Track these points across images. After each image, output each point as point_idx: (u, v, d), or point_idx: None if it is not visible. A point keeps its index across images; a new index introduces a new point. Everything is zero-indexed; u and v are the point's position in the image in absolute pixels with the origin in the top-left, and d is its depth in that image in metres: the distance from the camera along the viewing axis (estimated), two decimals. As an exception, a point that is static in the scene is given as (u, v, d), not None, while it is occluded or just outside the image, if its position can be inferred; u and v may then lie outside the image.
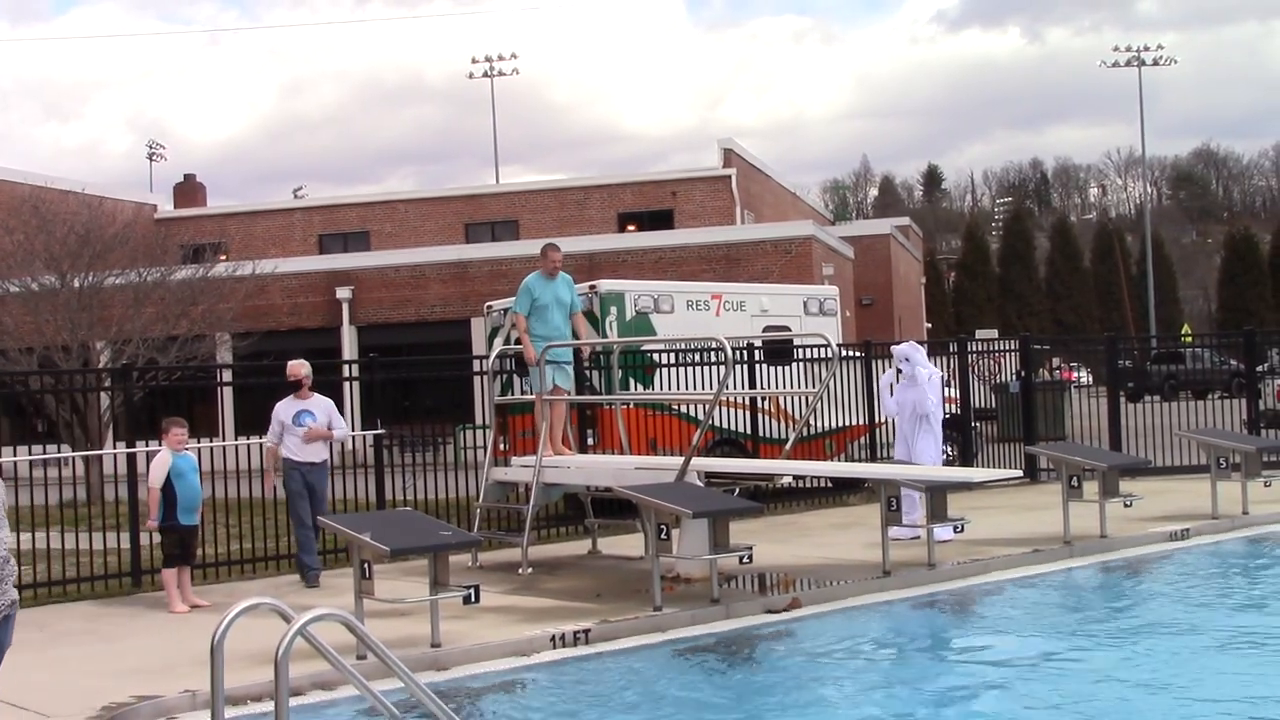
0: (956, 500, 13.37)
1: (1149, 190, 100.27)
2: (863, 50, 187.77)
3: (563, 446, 13.00)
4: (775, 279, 27.73)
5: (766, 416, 17.59)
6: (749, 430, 17.37)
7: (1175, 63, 72.48)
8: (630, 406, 15.28)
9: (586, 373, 15.34)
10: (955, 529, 11.51)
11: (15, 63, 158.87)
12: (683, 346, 16.47)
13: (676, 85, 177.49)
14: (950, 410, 17.61)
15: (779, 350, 17.81)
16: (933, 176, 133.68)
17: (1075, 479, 12.73)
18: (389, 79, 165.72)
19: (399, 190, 53.84)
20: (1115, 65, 70.48)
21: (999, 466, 18.45)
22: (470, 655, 8.77)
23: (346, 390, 14.99)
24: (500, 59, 70.29)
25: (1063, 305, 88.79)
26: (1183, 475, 17.70)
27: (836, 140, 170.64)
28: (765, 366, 17.59)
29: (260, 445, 12.39)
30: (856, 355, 18.56)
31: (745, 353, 17.02)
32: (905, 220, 66.97)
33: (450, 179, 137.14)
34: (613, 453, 14.75)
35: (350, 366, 16.46)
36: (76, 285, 22.80)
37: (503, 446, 14.40)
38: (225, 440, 18.08)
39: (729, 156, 38.71)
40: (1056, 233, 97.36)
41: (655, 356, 16.47)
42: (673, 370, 16.43)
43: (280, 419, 11.83)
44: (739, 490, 12.17)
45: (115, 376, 15.86)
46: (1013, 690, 7.86)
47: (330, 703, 7.69)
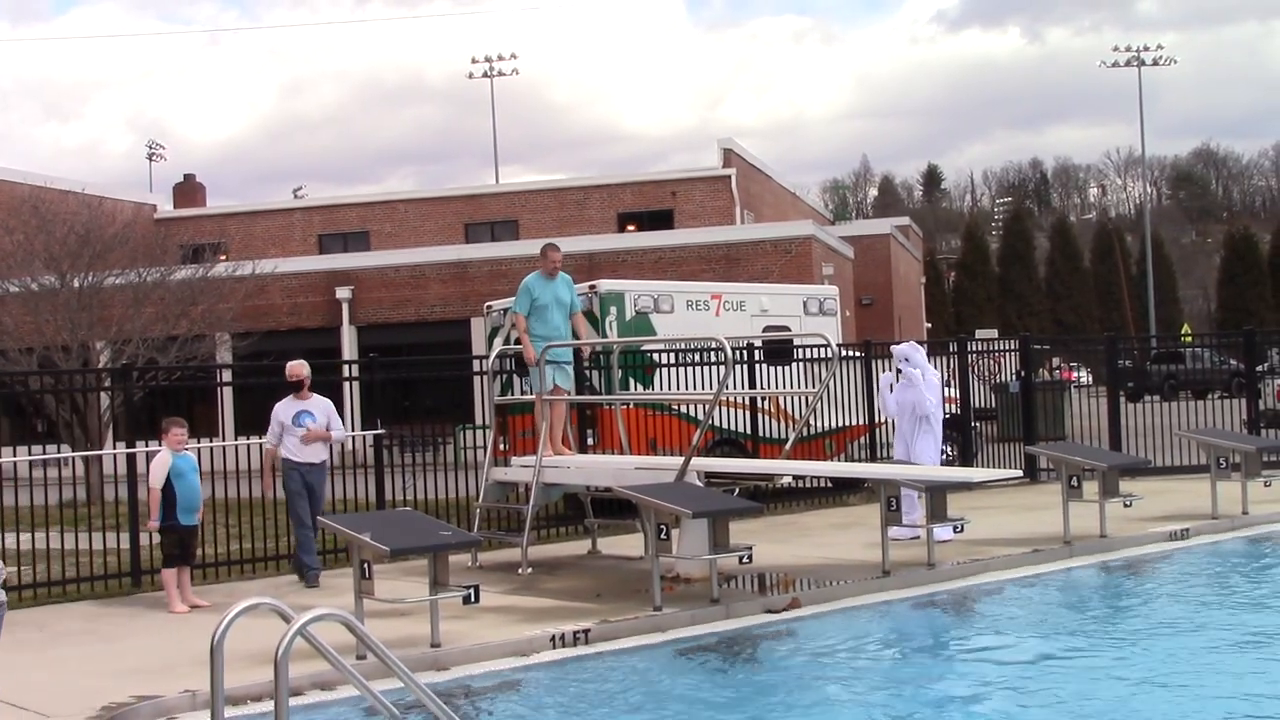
0: (956, 500, 13.37)
1: (1149, 190, 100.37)
2: (863, 50, 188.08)
3: (563, 446, 13.00)
4: (775, 279, 27.73)
5: (766, 416, 17.59)
6: (749, 430, 17.37)
7: (1175, 63, 72.63)
8: (630, 406, 15.28)
9: (586, 373, 15.34)
10: (955, 529, 11.52)
11: (15, 63, 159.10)
12: (683, 346, 16.47)
13: (676, 85, 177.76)
14: (950, 410, 17.62)
15: (779, 350, 17.81)
16: (932, 176, 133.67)
17: (1075, 479, 12.73)
18: (389, 79, 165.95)
19: (399, 190, 53.87)
20: (1115, 65, 70.53)
21: (999, 466, 18.44)
22: (470, 655, 8.77)
23: (346, 390, 14.98)
24: (500, 59, 70.41)
25: (1063, 305, 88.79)
26: (1183, 475, 17.70)
27: (836, 140, 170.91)
28: (765, 366, 17.59)
29: (260, 445, 12.39)
30: (856, 355, 18.56)
31: (745, 353, 17.02)
32: (905, 220, 66.97)
33: (450, 179, 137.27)
34: (613, 453, 14.75)
35: (350, 366, 16.45)
36: (76, 285, 22.81)
37: (503, 446, 14.40)
38: (225, 440, 18.08)
39: (729, 156, 38.71)
40: (1056, 233, 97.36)
41: (655, 356, 16.47)
42: (673, 370, 16.43)
43: (280, 419, 11.83)
44: (739, 490, 12.18)
45: (115, 376, 15.86)
46: (1012, 690, 7.86)
47: (330, 703, 7.69)
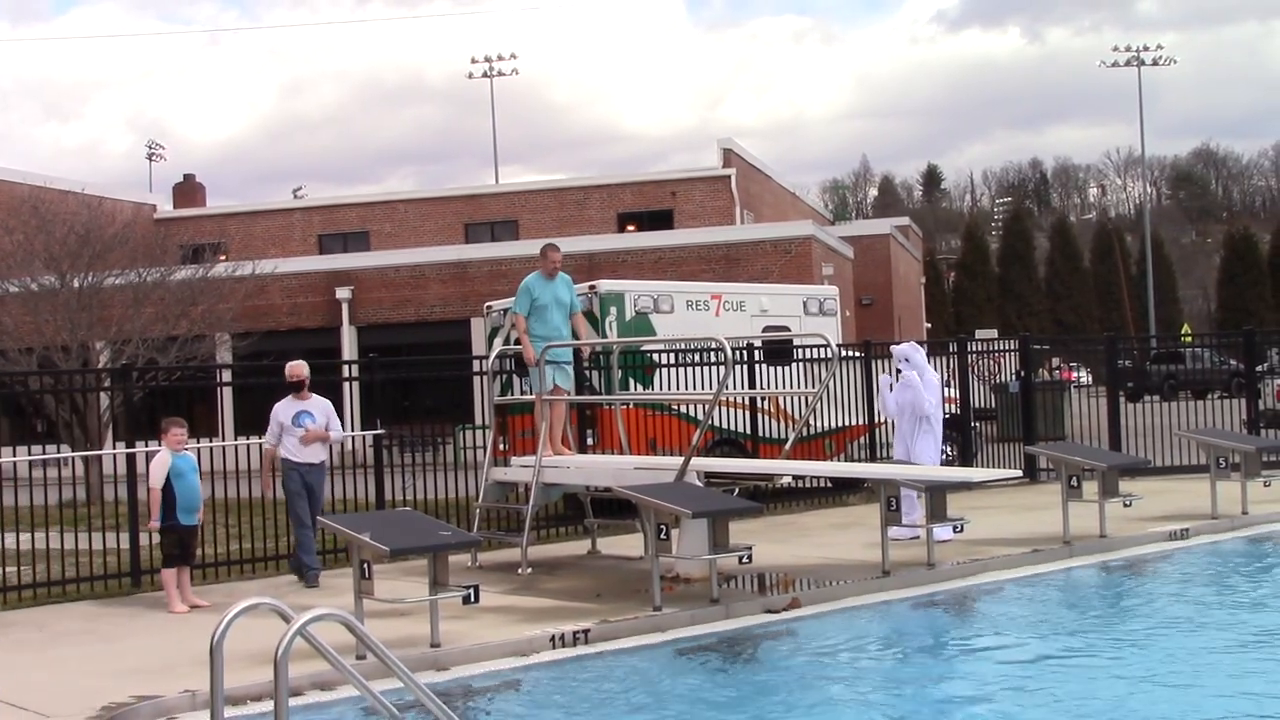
0: (956, 500, 13.37)
1: (1149, 190, 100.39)
2: (863, 50, 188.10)
3: (562, 446, 13.01)
4: (775, 279, 27.73)
5: (766, 416, 17.59)
6: (749, 430, 17.37)
7: (1175, 63, 72.67)
8: (630, 406, 15.28)
9: (586, 373, 15.34)
10: (955, 529, 11.52)
11: (15, 63, 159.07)
12: (682, 346, 16.47)
13: (676, 85, 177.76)
14: (950, 410, 17.62)
15: (779, 350, 17.81)
16: (932, 176, 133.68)
17: (1075, 479, 12.73)
18: (389, 79, 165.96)
19: (399, 190, 53.89)
20: (1115, 65, 70.56)
21: (998, 466, 18.45)
22: (470, 655, 8.77)
23: (346, 390, 14.98)
24: (500, 59, 70.45)
25: (1062, 305, 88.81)
26: (1182, 475, 17.70)
27: (836, 140, 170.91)
28: (765, 366, 17.59)
29: (260, 445, 12.39)
30: (856, 355, 18.56)
31: (745, 353, 17.02)
32: (905, 220, 67.00)
33: (450, 179, 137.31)
34: (612, 453, 14.76)
35: (350, 366, 16.45)
36: (76, 285, 22.81)
37: (502, 446, 14.40)
38: (225, 440, 18.08)
39: (729, 156, 38.72)
40: (1056, 233, 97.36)
41: (655, 356, 16.47)
42: (672, 370, 16.43)
43: (279, 419, 11.83)
44: (739, 490, 12.18)
45: (115, 377, 15.85)
46: (1012, 690, 7.86)
47: (330, 703, 7.69)
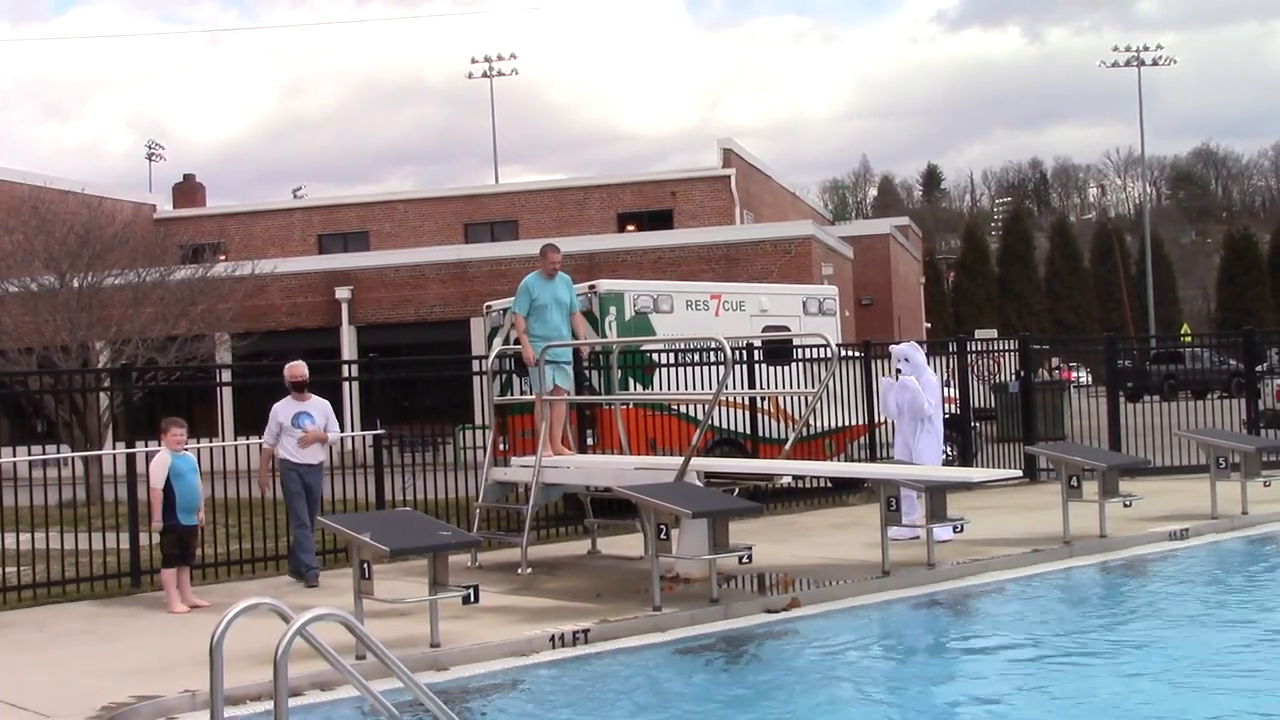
0: (956, 500, 13.36)
1: (1148, 190, 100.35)
2: (863, 50, 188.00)
3: (562, 446, 13.01)
4: (775, 279, 27.72)
5: (766, 416, 17.60)
6: (748, 430, 17.38)
7: (1175, 63, 72.62)
8: (630, 406, 15.28)
9: (586, 373, 15.34)
10: (955, 529, 11.52)
11: (15, 63, 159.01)
12: (682, 346, 16.47)
13: (676, 85, 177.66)
14: (950, 410, 17.62)
15: (778, 350, 17.81)
16: (932, 176, 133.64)
17: (1075, 479, 12.73)
18: (389, 79, 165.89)
19: (399, 190, 53.89)
20: (1115, 65, 70.53)
21: (998, 466, 18.44)
22: (470, 655, 8.77)
23: (346, 390, 14.98)
24: (500, 59, 70.42)
25: (1062, 305, 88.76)
26: (1182, 475, 17.70)
27: (836, 140, 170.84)
28: (765, 366, 17.59)
29: (260, 446, 12.39)
30: (856, 355, 18.56)
31: (745, 353, 17.02)
32: (905, 220, 66.96)
33: (450, 179, 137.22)
34: (612, 453, 14.76)
35: (350, 366, 16.45)
36: (76, 285, 22.81)
37: (502, 446, 14.41)
38: (224, 440, 18.07)
39: (728, 156, 38.71)
40: (1056, 233, 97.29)
41: (655, 356, 16.47)
42: (672, 370, 16.43)
43: (279, 420, 11.83)
44: (739, 490, 12.18)
45: (114, 377, 15.85)
46: (1012, 689, 7.86)
47: (330, 703, 7.69)
